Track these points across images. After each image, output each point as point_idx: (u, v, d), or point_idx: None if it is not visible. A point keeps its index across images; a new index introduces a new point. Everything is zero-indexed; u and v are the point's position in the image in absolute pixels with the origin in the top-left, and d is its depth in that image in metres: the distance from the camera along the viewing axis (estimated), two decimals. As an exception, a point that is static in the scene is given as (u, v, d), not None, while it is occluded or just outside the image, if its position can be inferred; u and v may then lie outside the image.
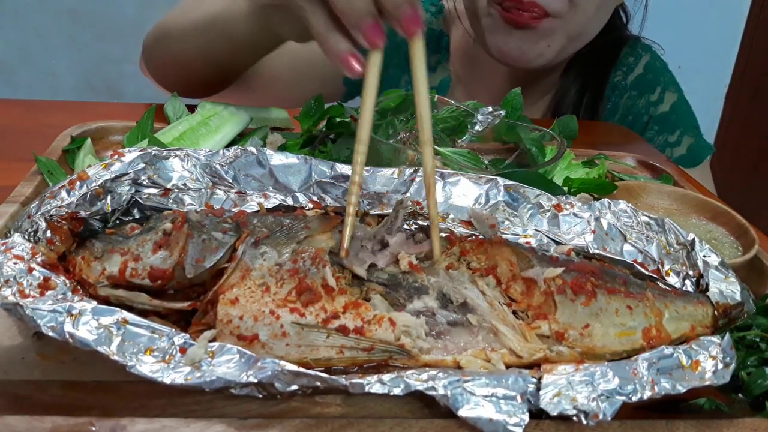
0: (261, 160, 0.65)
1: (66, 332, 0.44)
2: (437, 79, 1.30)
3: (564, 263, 0.57)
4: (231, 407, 0.46)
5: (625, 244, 0.63)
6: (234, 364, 0.45)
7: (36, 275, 0.49)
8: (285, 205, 0.62)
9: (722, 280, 0.58)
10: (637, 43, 1.31)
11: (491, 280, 0.56)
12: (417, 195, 0.65)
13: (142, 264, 0.52)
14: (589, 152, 0.98)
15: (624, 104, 1.29)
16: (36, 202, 0.56)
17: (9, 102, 1.05)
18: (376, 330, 0.50)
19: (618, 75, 1.29)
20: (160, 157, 0.62)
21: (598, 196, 0.77)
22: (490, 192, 0.66)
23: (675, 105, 1.27)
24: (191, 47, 1.02)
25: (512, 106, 0.92)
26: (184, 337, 0.47)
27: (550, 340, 0.53)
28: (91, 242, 0.55)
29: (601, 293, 0.55)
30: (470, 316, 0.53)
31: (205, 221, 0.55)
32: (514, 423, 0.43)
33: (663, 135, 1.27)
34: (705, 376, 0.48)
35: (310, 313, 0.50)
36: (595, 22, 1.14)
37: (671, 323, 0.55)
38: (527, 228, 0.64)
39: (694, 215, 0.79)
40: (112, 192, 0.59)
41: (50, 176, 0.74)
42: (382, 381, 0.45)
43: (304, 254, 0.54)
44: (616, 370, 0.47)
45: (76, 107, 1.05)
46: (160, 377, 0.44)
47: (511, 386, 0.45)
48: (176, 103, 0.95)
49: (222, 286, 0.51)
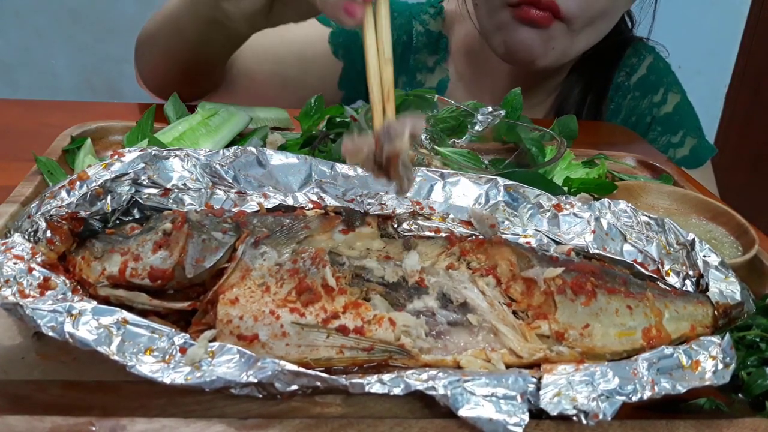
0: (261, 160, 0.65)
1: (66, 332, 0.44)
2: (435, 80, 1.30)
3: (564, 263, 0.57)
4: (231, 407, 0.46)
5: (625, 244, 0.63)
6: (234, 364, 0.45)
7: (36, 275, 0.49)
8: (285, 205, 0.62)
9: (722, 280, 0.58)
10: (641, 45, 1.31)
11: (491, 280, 0.56)
12: (417, 195, 0.65)
13: (142, 264, 0.52)
14: (589, 152, 0.98)
15: (627, 105, 1.30)
16: (36, 202, 0.56)
17: (9, 102, 1.05)
18: (376, 330, 0.50)
19: (621, 76, 1.29)
20: (160, 157, 0.62)
21: (598, 196, 0.77)
22: (490, 192, 0.66)
23: (678, 106, 1.28)
24: (158, 48, 1.03)
25: (512, 106, 0.92)
26: (184, 337, 0.47)
27: (550, 340, 0.53)
28: (91, 242, 0.55)
29: (601, 293, 0.55)
30: (470, 316, 0.53)
31: (205, 221, 0.55)
32: (514, 423, 0.43)
33: (666, 136, 1.27)
34: (705, 376, 0.48)
35: (310, 313, 0.50)
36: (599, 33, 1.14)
37: (671, 323, 0.55)
38: (527, 228, 0.64)
39: (694, 215, 0.79)
40: (112, 192, 0.59)
41: (50, 176, 0.74)
42: (382, 381, 0.45)
43: (304, 254, 0.54)
44: (616, 370, 0.47)
45: (76, 107, 1.05)
46: (160, 377, 0.44)
47: (511, 386, 0.45)
48: (176, 103, 0.95)
49: (222, 286, 0.51)
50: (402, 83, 1.29)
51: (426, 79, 1.29)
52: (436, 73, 1.30)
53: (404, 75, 1.29)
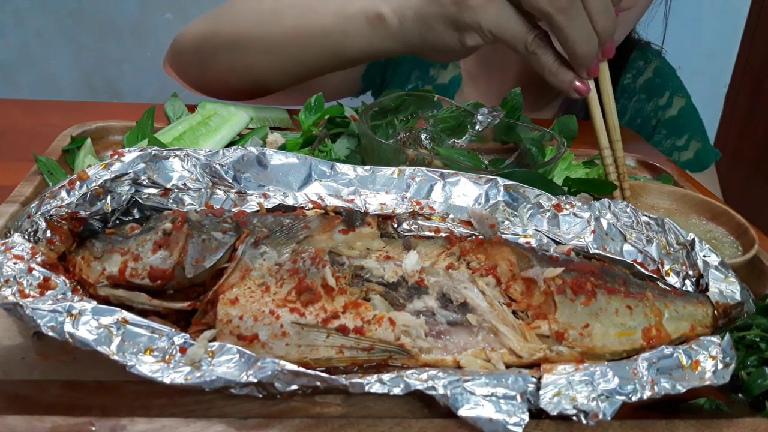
0: (261, 160, 0.65)
1: (66, 332, 0.44)
2: (448, 76, 1.30)
3: (564, 263, 0.57)
4: (231, 407, 0.46)
5: (625, 244, 0.63)
6: (234, 363, 0.45)
7: (36, 275, 0.49)
8: (285, 205, 0.62)
9: (722, 280, 0.58)
10: (648, 48, 1.32)
11: (491, 280, 0.56)
12: (417, 195, 0.65)
13: (142, 264, 0.52)
14: (589, 152, 0.98)
15: (633, 107, 1.31)
16: (36, 202, 0.56)
17: (9, 102, 1.05)
18: (375, 330, 0.50)
19: (627, 78, 1.30)
20: (160, 157, 0.62)
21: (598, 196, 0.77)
22: (490, 192, 0.66)
23: (683, 110, 1.29)
24: (278, 59, 0.99)
25: (512, 106, 0.92)
26: (184, 337, 0.47)
27: (550, 340, 0.53)
28: (91, 242, 0.55)
29: (600, 293, 0.55)
30: (470, 316, 0.53)
31: (205, 221, 0.55)
32: (514, 422, 0.43)
33: (671, 139, 1.28)
34: (705, 376, 0.48)
35: (310, 312, 0.50)
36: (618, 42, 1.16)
37: (671, 323, 0.55)
38: (527, 228, 0.64)
39: (694, 215, 0.79)
40: (112, 192, 0.59)
41: (50, 176, 0.74)
42: (382, 381, 0.45)
43: (304, 254, 0.54)
44: (616, 369, 0.47)
45: (76, 107, 1.05)
46: (160, 377, 0.44)
47: (511, 386, 0.45)
48: (176, 103, 0.95)
49: (222, 286, 0.51)
50: (415, 77, 1.29)
51: (439, 74, 1.29)
52: (449, 69, 1.30)
53: (417, 69, 1.29)
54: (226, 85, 1.06)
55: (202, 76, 1.09)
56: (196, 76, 1.11)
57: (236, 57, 1.01)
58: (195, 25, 1.09)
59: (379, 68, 1.30)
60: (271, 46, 0.97)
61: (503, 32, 0.76)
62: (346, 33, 0.90)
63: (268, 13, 0.98)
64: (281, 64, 0.99)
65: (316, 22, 0.93)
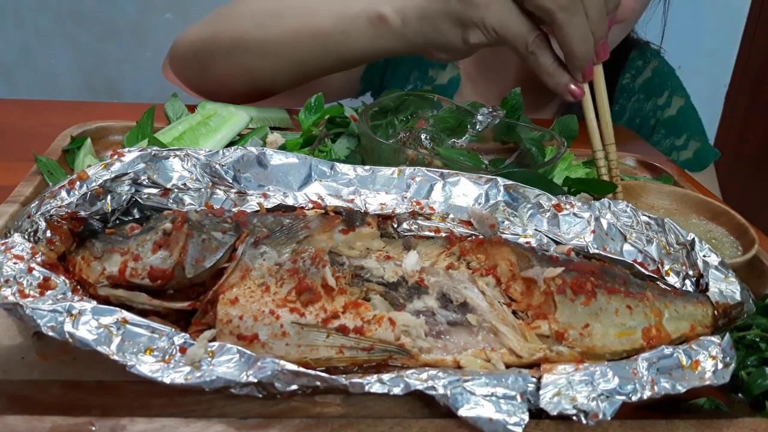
0: (261, 160, 0.65)
1: (66, 332, 0.44)
2: (447, 77, 1.30)
3: (564, 263, 0.57)
4: (231, 407, 0.46)
5: (625, 244, 0.63)
6: (234, 363, 0.45)
7: (36, 275, 0.49)
8: (285, 205, 0.62)
9: (722, 280, 0.58)
10: (647, 48, 1.32)
11: (491, 279, 0.56)
12: (417, 195, 0.65)
13: (142, 264, 0.52)
14: (589, 152, 0.97)
15: (632, 107, 1.31)
16: (36, 202, 0.56)
17: (9, 102, 1.06)
18: (375, 330, 0.50)
19: (626, 77, 1.30)
20: (160, 157, 0.62)
21: (598, 196, 0.77)
22: (489, 192, 0.66)
23: (682, 109, 1.29)
24: (278, 61, 0.98)
25: (512, 106, 0.91)
26: (184, 336, 0.47)
27: (550, 340, 0.53)
28: (91, 242, 0.55)
29: (600, 293, 0.55)
30: (470, 316, 0.53)
31: (205, 221, 0.55)
32: (514, 422, 0.43)
33: (670, 138, 1.28)
34: (705, 376, 0.48)
35: (310, 312, 0.50)
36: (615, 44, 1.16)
37: (671, 323, 0.55)
38: (527, 228, 0.64)
39: (694, 215, 0.79)
40: (112, 192, 0.59)
41: (50, 176, 0.74)
42: (382, 381, 0.45)
43: (303, 254, 0.54)
44: (615, 369, 0.47)
45: (76, 107, 1.05)
46: (160, 377, 0.44)
47: (511, 386, 0.45)
48: (176, 103, 0.95)
49: (222, 286, 0.51)
50: (414, 78, 1.29)
51: (438, 75, 1.29)
52: (447, 70, 1.30)
53: (416, 70, 1.29)
54: (226, 89, 1.06)
55: (202, 80, 1.09)
56: (197, 80, 1.11)
57: (236, 60, 1.01)
58: (194, 29, 1.08)
59: (378, 69, 1.30)
60: (270, 49, 0.97)
61: (506, 30, 0.77)
62: (347, 34, 0.90)
63: (267, 15, 0.98)
64: (281, 67, 0.99)
65: (317, 23, 0.93)
